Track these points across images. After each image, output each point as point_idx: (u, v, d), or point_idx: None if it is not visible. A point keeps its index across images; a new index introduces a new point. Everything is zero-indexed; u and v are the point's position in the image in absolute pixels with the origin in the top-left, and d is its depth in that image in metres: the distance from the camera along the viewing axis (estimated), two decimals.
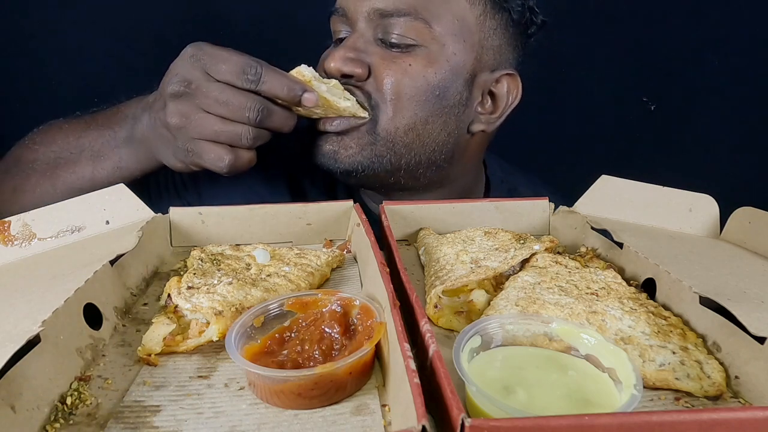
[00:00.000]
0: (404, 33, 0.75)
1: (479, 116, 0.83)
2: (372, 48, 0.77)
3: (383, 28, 0.76)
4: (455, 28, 0.77)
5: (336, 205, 0.66)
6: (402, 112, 0.76)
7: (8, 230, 0.58)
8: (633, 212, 0.67)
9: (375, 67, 0.76)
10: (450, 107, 0.79)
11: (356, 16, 0.78)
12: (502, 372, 0.40)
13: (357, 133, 0.76)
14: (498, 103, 0.84)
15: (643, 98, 1.36)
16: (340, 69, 0.75)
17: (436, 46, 0.76)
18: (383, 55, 0.76)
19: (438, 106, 0.78)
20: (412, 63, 0.76)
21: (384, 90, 0.75)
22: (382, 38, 0.77)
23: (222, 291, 0.49)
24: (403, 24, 0.75)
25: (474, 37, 0.79)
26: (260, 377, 0.39)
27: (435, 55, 0.76)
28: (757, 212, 0.61)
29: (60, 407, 0.37)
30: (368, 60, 0.76)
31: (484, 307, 0.51)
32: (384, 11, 0.76)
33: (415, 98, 0.76)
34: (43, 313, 0.39)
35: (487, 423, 0.30)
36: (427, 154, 0.80)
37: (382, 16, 0.76)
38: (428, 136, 0.79)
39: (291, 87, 0.66)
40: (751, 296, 0.45)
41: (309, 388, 0.38)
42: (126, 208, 0.61)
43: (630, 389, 0.36)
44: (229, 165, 0.66)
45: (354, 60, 0.75)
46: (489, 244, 0.60)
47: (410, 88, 0.76)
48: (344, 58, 0.75)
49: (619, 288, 0.52)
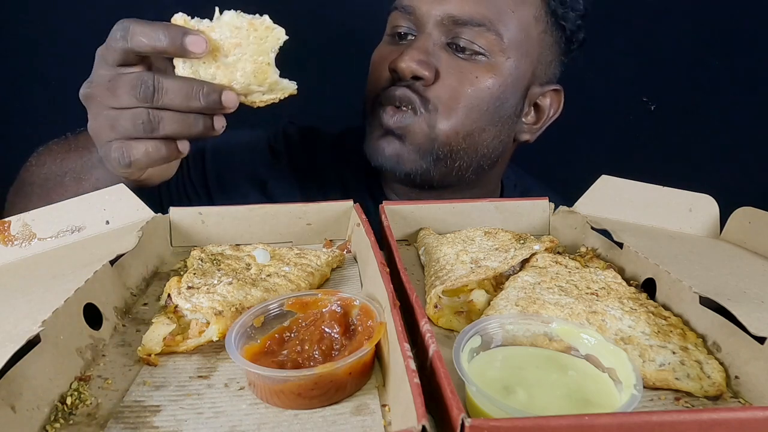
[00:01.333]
0: (475, 41, 0.77)
1: (524, 126, 0.88)
2: (440, 52, 0.78)
3: (454, 34, 0.78)
4: (520, 41, 0.80)
5: (336, 205, 0.66)
6: (463, 121, 0.79)
7: (8, 230, 0.58)
8: (633, 212, 0.67)
9: (443, 73, 0.78)
10: (506, 117, 0.83)
11: (427, 19, 0.79)
12: (502, 372, 0.40)
13: (418, 134, 0.79)
14: (540, 115, 0.89)
15: (643, 98, 1.36)
16: (414, 71, 0.76)
17: (502, 57, 0.79)
18: (451, 61, 0.78)
19: (496, 116, 0.81)
20: (479, 75, 0.78)
21: (449, 97, 0.78)
22: (450, 43, 0.78)
23: (222, 291, 0.49)
24: (476, 33, 0.77)
25: (534, 51, 0.82)
26: (260, 377, 0.39)
27: (500, 66, 0.79)
28: (757, 212, 0.61)
29: (60, 407, 0.37)
30: (436, 64, 0.78)
31: (484, 307, 0.51)
32: (459, 18, 0.77)
33: (478, 108, 0.79)
34: (43, 313, 0.39)
35: (487, 423, 0.30)
36: (478, 158, 0.84)
37: (455, 23, 0.77)
38: (483, 143, 0.83)
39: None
40: (751, 296, 0.45)
41: (309, 388, 0.38)
42: (126, 208, 0.61)
43: (630, 389, 0.36)
44: (126, 160, 0.56)
45: (426, 63, 0.77)
46: (489, 244, 0.60)
47: (474, 98, 0.78)
48: (418, 60, 0.76)
49: (619, 288, 0.51)
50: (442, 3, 0.77)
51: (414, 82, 0.77)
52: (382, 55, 0.84)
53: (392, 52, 0.81)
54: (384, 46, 0.85)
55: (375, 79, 0.83)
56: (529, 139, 0.89)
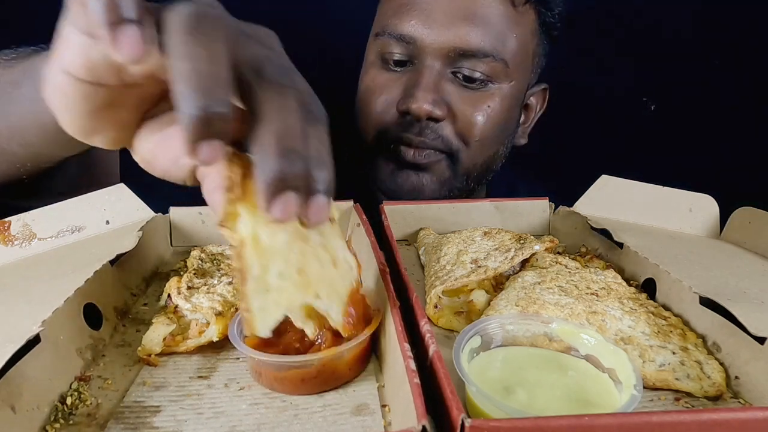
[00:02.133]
0: (480, 70, 0.76)
1: (518, 130, 0.90)
2: (446, 85, 0.77)
3: (459, 65, 0.76)
4: (521, 62, 0.80)
5: (336, 205, 0.66)
6: (481, 151, 0.81)
7: (8, 230, 0.58)
8: (633, 212, 0.67)
9: (456, 109, 0.77)
10: (511, 134, 0.86)
11: (429, 50, 0.75)
12: (502, 372, 0.40)
13: (437, 168, 0.80)
14: (528, 114, 0.90)
15: (643, 98, 1.36)
16: (429, 113, 0.75)
17: (507, 81, 0.78)
18: (460, 95, 0.77)
19: (505, 136, 0.84)
20: (490, 104, 0.78)
21: (466, 133, 0.78)
22: (454, 72, 0.77)
23: (222, 291, 0.49)
24: (483, 64, 0.76)
25: (531, 65, 0.83)
26: (265, 364, 0.40)
27: (507, 91, 0.79)
28: (757, 212, 0.61)
29: (60, 407, 0.37)
30: (447, 99, 0.77)
31: (484, 307, 0.51)
32: (465, 51, 0.74)
33: (491, 137, 0.80)
34: (43, 313, 0.39)
35: (487, 423, 0.30)
36: (488, 176, 0.87)
37: (460, 55, 0.75)
38: (494, 163, 0.86)
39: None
40: (751, 296, 0.45)
41: (312, 374, 0.39)
42: (126, 208, 0.61)
43: (630, 389, 0.36)
44: None
45: (440, 103, 0.76)
46: (489, 244, 0.60)
47: (489, 129, 0.79)
48: (431, 101, 0.75)
49: (619, 288, 0.51)
50: (445, 33, 0.74)
51: (428, 122, 0.76)
52: (378, 84, 0.80)
53: (391, 82, 0.78)
54: (378, 73, 0.80)
55: (375, 111, 0.80)
56: (524, 141, 0.91)
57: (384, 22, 0.79)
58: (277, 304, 0.35)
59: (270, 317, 0.35)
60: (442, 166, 0.80)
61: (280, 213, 0.32)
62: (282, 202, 0.32)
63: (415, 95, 0.74)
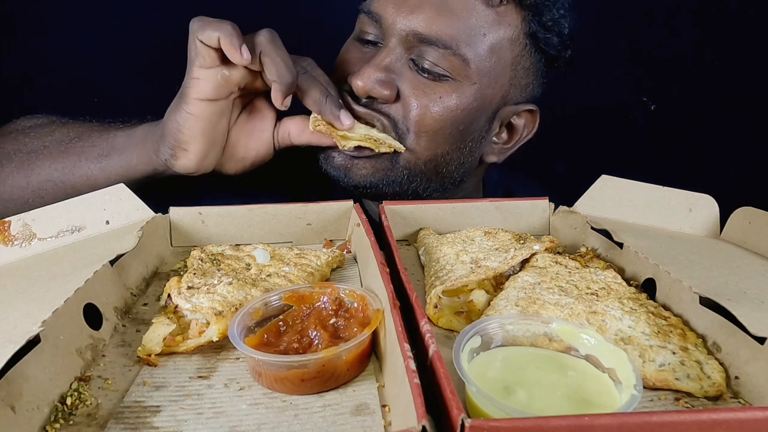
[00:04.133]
0: (439, 63, 0.72)
1: (494, 147, 0.83)
2: (402, 69, 0.73)
3: (418, 52, 0.73)
4: (490, 67, 0.74)
5: (336, 205, 0.66)
6: (425, 145, 0.75)
7: (8, 230, 0.58)
8: (633, 212, 0.67)
9: (404, 93, 0.73)
10: (470, 140, 0.79)
11: (392, 31, 0.73)
12: (502, 372, 0.40)
13: (375, 157, 0.75)
14: (513, 135, 0.84)
15: (643, 98, 1.36)
16: (369, 90, 0.71)
17: (467, 82, 0.74)
18: (414, 81, 0.73)
19: (459, 139, 0.77)
20: (442, 95, 0.73)
21: (410, 121, 0.73)
22: (414, 60, 0.73)
23: (222, 291, 0.49)
24: (441, 55, 0.72)
25: (506, 76, 0.77)
26: (265, 364, 0.40)
27: (465, 90, 0.74)
28: (757, 212, 0.61)
29: (60, 407, 0.37)
30: (398, 83, 0.73)
31: (484, 307, 0.51)
32: (425, 37, 0.72)
33: (441, 132, 0.74)
34: (43, 313, 0.39)
35: (487, 423, 0.30)
36: (439, 180, 0.80)
37: (420, 41, 0.72)
38: (445, 167, 0.79)
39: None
40: (751, 296, 0.45)
41: (312, 374, 0.39)
42: (126, 208, 0.61)
43: (630, 389, 0.36)
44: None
45: (385, 82, 0.72)
46: (489, 244, 0.60)
47: (437, 122, 0.74)
48: (375, 80, 0.71)
49: (619, 288, 0.51)
50: (409, 17, 0.72)
51: (372, 101, 0.73)
52: (346, 58, 0.79)
53: (357, 59, 0.77)
54: (351, 47, 0.80)
55: (336, 84, 0.77)
56: (497, 160, 0.84)
57: (367, 1, 0.79)
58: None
59: None
60: (381, 157, 0.75)
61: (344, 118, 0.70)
62: (342, 113, 0.71)
63: (361, 71, 0.72)
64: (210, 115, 0.66)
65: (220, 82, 0.64)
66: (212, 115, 0.66)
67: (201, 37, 0.62)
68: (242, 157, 0.73)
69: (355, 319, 0.45)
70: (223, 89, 0.65)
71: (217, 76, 0.64)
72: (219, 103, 0.66)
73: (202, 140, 0.67)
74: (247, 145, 0.72)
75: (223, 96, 0.66)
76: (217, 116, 0.67)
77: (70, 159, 0.71)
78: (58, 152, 0.72)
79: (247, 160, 0.73)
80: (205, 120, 0.66)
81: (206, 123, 0.66)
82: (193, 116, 0.66)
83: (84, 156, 0.71)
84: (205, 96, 0.65)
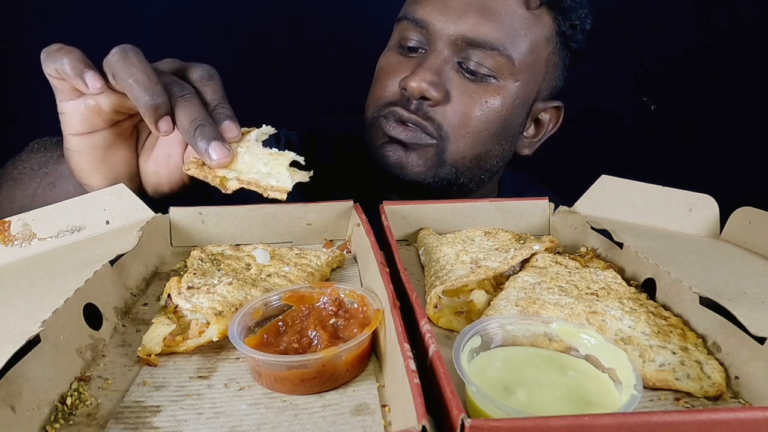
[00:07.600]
0: (486, 63, 0.77)
1: (524, 140, 0.90)
2: (450, 72, 0.78)
3: (465, 55, 0.78)
4: (530, 63, 0.80)
5: (336, 205, 0.66)
6: (471, 144, 0.80)
7: (8, 230, 0.58)
8: (633, 212, 0.67)
9: (453, 97, 0.78)
10: (510, 136, 0.85)
11: (440, 36, 0.78)
12: (502, 372, 0.40)
13: (424, 151, 0.80)
14: (539, 129, 0.91)
15: (643, 98, 1.36)
16: (424, 91, 0.76)
17: (511, 80, 0.79)
18: (461, 84, 0.78)
19: (502, 136, 0.83)
20: (488, 99, 0.78)
21: (458, 123, 0.78)
22: (460, 62, 0.78)
23: (222, 291, 0.49)
24: (487, 55, 0.77)
25: (541, 72, 0.83)
26: (265, 364, 0.40)
27: (508, 88, 0.79)
28: (757, 212, 0.61)
29: (60, 407, 0.37)
30: (447, 85, 0.78)
31: (484, 307, 0.51)
32: (472, 40, 0.77)
33: (486, 132, 0.80)
34: (43, 313, 0.39)
35: (487, 423, 0.30)
36: (481, 174, 0.86)
37: (468, 44, 0.77)
38: (487, 162, 0.85)
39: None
40: (751, 296, 0.45)
41: (311, 374, 0.39)
42: (126, 208, 0.61)
43: (630, 389, 0.36)
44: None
45: (437, 84, 0.76)
46: (489, 244, 0.60)
47: (483, 122, 0.79)
48: (429, 81, 0.76)
49: (619, 288, 0.51)
50: (456, 22, 0.77)
51: (423, 101, 0.78)
52: (390, 65, 0.83)
53: (401, 65, 0.81)
54: (392, 56, 0.84)
55: (381, 88, 0.83)
56: (528, 153, 0.92)
57: (406, 8, 0.83)
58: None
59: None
60: (430, 152, 0.80)
61: (216, 152, 0.54)
62: (211, 146, 0.54)
63: (415, 73, 0.76)
64: (91, 150, 0.59)
65: (87, 113, 0.57)
66: (94, 150, 0.59)
67: (46, 71, 0.55)
68: (157, 183, 0.65)
69: (355, 319, 0.45)
70: (95, 119, 0.58)
71: (81, 108, 0.57)
72: (99, 135, 0.59)
73: (97, 174, 0.61)
74: (157, 171, 0.65)
75: (100, 126, 0.59)
76: (103, 149, 0.60)
77: (31, 187, 0.68)
78: (28, 179, 0.69)
79: (163, 186, 0.65)
80: (88, 154, 0.60)
81: (91, 157, 0.60)
82: (75, 152, 0.60)
83: (42, 185, 0.67)
84: (76, 131, 0.58)
